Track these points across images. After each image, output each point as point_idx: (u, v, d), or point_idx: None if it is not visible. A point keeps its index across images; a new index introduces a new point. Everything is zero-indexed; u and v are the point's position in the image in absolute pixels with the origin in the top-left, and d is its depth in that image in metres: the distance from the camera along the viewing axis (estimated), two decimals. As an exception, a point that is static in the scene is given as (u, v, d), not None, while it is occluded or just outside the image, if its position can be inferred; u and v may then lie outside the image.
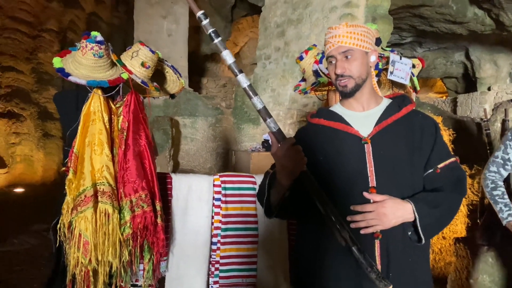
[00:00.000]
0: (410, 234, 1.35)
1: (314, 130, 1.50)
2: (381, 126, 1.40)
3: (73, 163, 1.92)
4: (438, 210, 1.34)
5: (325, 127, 1.46)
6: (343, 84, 1.42)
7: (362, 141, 1.38)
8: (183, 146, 9.02)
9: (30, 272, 4.10)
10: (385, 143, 1.38)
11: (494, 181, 2.22)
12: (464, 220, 3.65)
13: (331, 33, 1.44)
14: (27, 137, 9.95)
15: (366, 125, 1.42)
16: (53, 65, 1.95)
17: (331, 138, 1.42)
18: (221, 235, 2.33)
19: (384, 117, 1.42)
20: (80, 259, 1.84)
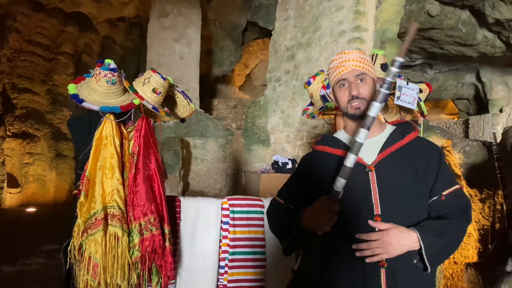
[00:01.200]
0: (416, 262, 1.34)
1: (318, 157, 1.53)
2: (385, 153, 1.42)
3: (85, 186, 1.96)
4: (444, 238, 1.33)
5: (330, 154, 1.49)
6: (356, 106, 1.43)
7: (366, 168, 1.40)
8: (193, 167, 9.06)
9: (40, 293, 4.13)
10: (389, 170, 1.39)
11: None
12: (475, 245, 3.59)
13: (343, 58, 1.48)
14: (40, 157, 10.12)
15: (370, 152, 1.43)
16: (68, 91, 2.02)
17: (336, 165, 1.42)
18: (228, 258, 2.34)
19: (388, 145, 1.44)
20: (90, 282, 1.86)
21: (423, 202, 1.39)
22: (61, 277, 4.65)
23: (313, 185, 1.49)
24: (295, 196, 1.57)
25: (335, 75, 1.50)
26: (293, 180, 1.64)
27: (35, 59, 9.66)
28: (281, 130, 7.18)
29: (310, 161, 1.57)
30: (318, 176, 1.47)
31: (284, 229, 1.50)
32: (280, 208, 1.60)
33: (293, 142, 6.77)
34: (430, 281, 1.39)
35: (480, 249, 3.54)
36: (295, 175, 1.64)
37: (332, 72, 1.51)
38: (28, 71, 9.61)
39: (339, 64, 1.49)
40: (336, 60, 1.51)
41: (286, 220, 1.50)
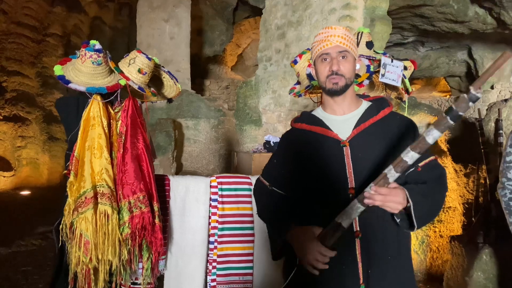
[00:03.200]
0: (400, 221, 1.37)
1: (296, 134, 1.58)
2: (359, 129, 1.46)
3: (74, 166, 2.00)
4: (428, 200, 1.37)
5: (307, 131, 1.53)
6: (334, 81, 1.46)
7: (341, 144, 1.44)
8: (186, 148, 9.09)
9: (36, 272, 4.20)
10: (364, 145, 1.43)
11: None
12: (460, 218, 3.70)
13: (328, 32, 1.48)
14: (32, 141, 10.09)
15: (346, 128, 1.48)
16: (54, 73, 2.03)
17: (312, 142, 1.49)
18: (218, 234, 2.40)
19: (362, 120, 1.48)
20: (81, 258, 1.92)
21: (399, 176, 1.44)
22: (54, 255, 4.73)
23: (294, 164, 1.53)
24: (278, 177, 1.61)
25: (318, 48, 1.50)
26: (275, 159, 1.67)
27: (23, 41, 9.52)
28: (273, 110, 7.21)
29: (290, 140, 1.62)
30: (299, 155, 1.51)
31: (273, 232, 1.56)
32: (265, 190, 1.65)
33: (285, 121, 6.81)
34: (405, 251, 1.45)
35: (464, 223, 3.65)
36: (277, 154, 1.68)
37: (316, 46, 1.52)
38: (17, 53, 9.48)
39: (324, 38, 1.49)
40: (321, 34, 1.51)
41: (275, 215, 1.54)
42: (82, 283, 1.96)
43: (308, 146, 1.49)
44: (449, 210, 3.84)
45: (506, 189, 2.14)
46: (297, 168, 1.48)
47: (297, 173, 1.48)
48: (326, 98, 1.56)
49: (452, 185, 3.78)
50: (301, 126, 1.57)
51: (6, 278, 4.03)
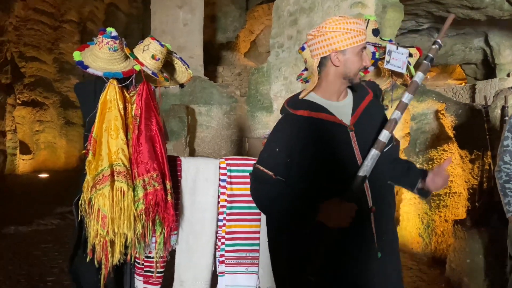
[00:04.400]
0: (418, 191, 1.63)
1: (300, 121, 1.55)
2: (357, 113, 1.56)
3: (92, 146, 2.14)
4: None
5: (313, 119, 1.53)
6: (360, 76, 1.57)
7: (348, 129, 1.52)
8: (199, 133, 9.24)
9: (55, 249, 4.42)
10: (363, 129, 1.53)
11: (508, 174, 2.23)
12: (465, 203, 3.77)
13: (361, 26, 1.50)
14: (50, 125, 10.39)
15: (344, 113, 1.56)
16: (74, 58, 2.17)
17: (320, 129, 1.52)
18: (226, 212, 2.54)
19: (356, 106, 1.59)
20: (99, 231, 2.07)
21: (388, 151, 1.57)
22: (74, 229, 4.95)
23: (303, 152, 1.51)
24: (281, 166, 1.54)
25: (359, 39, 1.49)
26: (278, 148, 1.57)
27: (41, 28, 9.74)
28: (284, 97, 7.29)
29: (294, 127, 1.55)
30: (303, 139, 1.52)
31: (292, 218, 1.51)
32: (269, 181, 1.55)
33: (296, 108, 6.89)
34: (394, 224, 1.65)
35: (468, 207, 3.72)
36: (278, 143, 1.58)
37: (354, 35, 1.48)
38: (35, 39, 9.71)
39: (362, 30, 1.50)
40: (358, 25, 1.49)
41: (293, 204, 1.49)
42: (100, 254, 2.12)
43: (316, 133, 1.52)
44: (454, 195, 3.91)
45: (502, 171, 2.23)
46: (305, 155, 1.50)
47: (306, 160, 1.50)
48: (336, 86, 1.57)
49: (457, 171, 3.85)
50: (304, 113, 1.55)
51: (27, 254, 4.26)
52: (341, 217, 1.40)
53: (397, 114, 1.51)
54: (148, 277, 2.46)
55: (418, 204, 4.22)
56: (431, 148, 4.08)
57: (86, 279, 2.40)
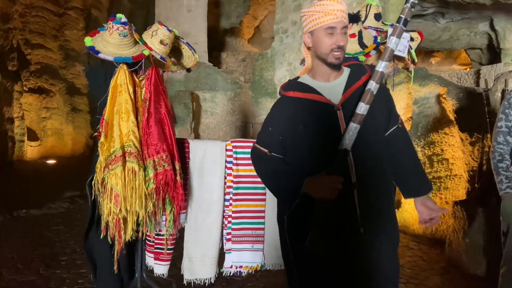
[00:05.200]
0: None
1: (290, 102, 1.67)
2: (348, 94, 1.63)
3: (104, 129, 2.24)
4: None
5: (301, 99, 1.65)
6: (337, 56, 1.59)
7: (335, 108, 1.61)
8: (204, 119, 9.34)
9: (67, 231, 4.57)
10: (353, 108, 1.58)
11: (501, 154, 2.32)
12: (465, 185, 3.86)
13: (333, 6, 1.57)
14: (56, 112, 10.50)
15: (335, 94, 1.64)
16: (85, 44, 2.25)
17: (307, 108, 1.62)
18: (233, 193, 2.64)
19: (349, 86, 1.65)
20: (112, 209, 2.18)
21: (381, 132, 1.67)
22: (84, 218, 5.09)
23: (292, 131, 1.64)
24: (276, 143, 1.68)
25: (323, 20, 1.57)
26: (270, 128, 1.71)
27: (46, 15, 9.78)
28: (288, 82, 7.34)
29: (284, 108, 1.68)
30: (293, 120, 1.63)
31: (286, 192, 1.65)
32: (265, 157, 1.71)
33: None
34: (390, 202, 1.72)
35: (468, 189, 3.81)
36: (271, 123, 1.73)
37: (319, 16, 1.57)
38: (40, 26, 9.76)
39: (329, 10, 1.56)
40: (325, 6, 1.57)
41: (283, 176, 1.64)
42: (113, 231, 2.23)
43: (304, 112, 1.62)
44: (455, 177, 4.00)
45: (496, 151, 2.32)
46: (295, 134, 1.62)
47: (295, 138, 1.63)
48: (319, 67, 1.67)
49: (458, 154, 3.92)
50: (294, 94, 1.67)
51: (40, 235, 4.41)
52: (325, 189, 1.50)
53: (371, 84, 1.55)
54: (159, 254, 2.58)
55: (420, 186, 4.30)
56: (433, 132, 4.15)
57: (99, 256, 2.53)
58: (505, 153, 2.32)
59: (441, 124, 4.12)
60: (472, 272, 3.38)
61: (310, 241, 1.53)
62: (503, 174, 2.31)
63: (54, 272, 3.43)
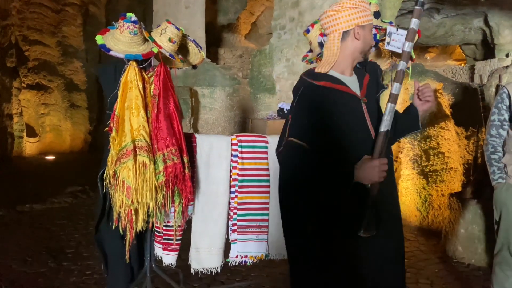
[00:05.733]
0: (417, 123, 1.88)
1: (322, 91, 1.67)
2: (364, 88, 1.74)
3: (115, 124, 2.32)
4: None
5: (332, 89, 1.67)
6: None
7: (362, 101, 1.70)
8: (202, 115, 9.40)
9: (71, 225, 4.65)
10: (370, 100, 1.71)
11: (494, 146, 2.43)
12: (460, 178, 3.98)
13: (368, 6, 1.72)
14: (55, 108, 10.53)
15: (355, 87, 1.73)
16: (97, 42, 2.32)
17: (339, 98, 1.68)
18: (238, 185, 2.73)
19: (361, 80, 1.77)
20: (124, 201, 2.27)
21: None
22: (87, 213, 5.18)
23: (329, 121, 1.65)
24: (314, 134, 1.63)
25: (371, 18, 1.71)
26: (308, 118, 1.65)
27: (43, 11, 9.79)
28: (286, 78, 7.43)
29: (319, 97, 1.66)
30: (326, 107, 1.66)
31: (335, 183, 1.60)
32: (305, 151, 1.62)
33: (298, 89, 7.04)
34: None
35: (464, 182, 3.93)
36: (306, 113, 1.66)
37: (369, 14, 1.70)
38: (38, 23, 9.77)
39: (368, 10, 1.71)
40: (368, 4, 1.72)
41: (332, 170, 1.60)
42: (125, 222, 2.32)
43: (336, 102, 1.67)
44: (450, 170, 4.12)
45: (489, 144, 2.44)
46: (329, 123, 1.65)
47: (330, 128, 1.65)
48: (349, 59, 1.72)
49: (453, 147, 4.04)
50: (325, 84, 1.67)
51: (45, 229, 4.49)
52: (376, 173, 1.55)
53: (403, 64, 1.67)
54: (167, 244, 2.68)
55: (416, 179, 4.42)
56: (429, 126, 4.26)
57: (110, 246, 2.62)
58: (497, 145, 2.43)
59: (437, 118, 4.23)
60: (467, 261, 3.51)
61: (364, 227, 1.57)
62: (495, 165, 2.43)
63: (62, 264, 3.53)
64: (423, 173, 4.33)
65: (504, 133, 2.41)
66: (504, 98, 2.38)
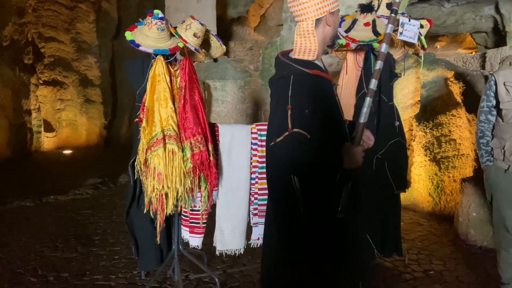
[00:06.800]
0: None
1: (314, 80, 1.72)
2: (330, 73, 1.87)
3: (145, 115, 2.48)
4: None
5: (321, 77, 1.75)
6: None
7: (334, 85, 1.92)
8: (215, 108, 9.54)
9: (95, 214, 4.86)
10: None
11: (482, 131, 2.58)
12: (472, 164, 4.08)
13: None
14: (70, 103, 10.77)
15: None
16: (126, 38, 2.48)
17: (326, 86, 1.79)
18: (258, 172, 2.89)
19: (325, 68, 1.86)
20: (156, 186, 2.44)
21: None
22: (108, 203, 5.38)
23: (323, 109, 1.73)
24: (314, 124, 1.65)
25: (337, 4, 1.75)
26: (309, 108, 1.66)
27: (57, 8, 9.98)
28: (298, 69, 7.52)
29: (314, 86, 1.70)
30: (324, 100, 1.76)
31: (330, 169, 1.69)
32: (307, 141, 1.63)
33: (309, 80, 7.14)
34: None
35: (475, 167, 4.03)
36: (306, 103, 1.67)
37: (334, 1, 1.73)
38: (52, 20, 9.97)
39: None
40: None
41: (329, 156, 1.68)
42: (156, 206, 2.49)
43: (326, 90, 1.78)
44: (462, 157, 4.22)
45: (478, 129, 2.59)
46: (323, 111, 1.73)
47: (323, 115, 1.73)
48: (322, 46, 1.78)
49: (465, 134, 4.14)
50: (317, 73, 1.73)
51: (71, 218, 4.70)
52: (358, 159, 1.71)
53: (380, 64, 1.78)
54: (194, 227, 2.85)
55: (429, 166, 4.53)
56: (440, 114, 4.36)
57: (140, 230, 2.80)
58: (485, 130, 2.57)
59: (448, 106, 4.33)
60: (480, 243, 3.63)
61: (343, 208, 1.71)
62: (483, 149, 2.58)
63: (91, 250, 3.72)
64: (435, 160, 4.44)
65: (492, 119, 2.54)
66: (492, 85, 2.50)
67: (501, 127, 2.47)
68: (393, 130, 2.98)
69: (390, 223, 3.05)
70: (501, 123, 2.46)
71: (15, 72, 8.68)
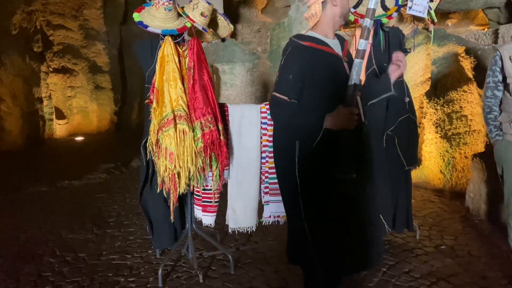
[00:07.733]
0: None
1: (306, 51, 1.90)
2: (345, 50, 2.03)
3: (156, 96, 2.51)
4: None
5: (316, 49, 1.91)
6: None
7: (343, 60, 1.97)
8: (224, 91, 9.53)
9: (109, 198, 4.95)
10: (350, 61, 1.97)
11: (489, 106, 2.58)
12: (483, 139, 4.05)
13: None
14: (81, 90, 10.84)
15: (338, 49, 1.99)
16: (134, 19, 2.49)
17: (322, 57, 1.92)
18: (268, 151, 2.91)
19: (342, 44, 2.04)
20: (168, 166, 2.47)
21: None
22: (122, 186, 5.47)
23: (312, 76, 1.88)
24: (296, 90, 1.87)
25: None
26: (291, 75, 1.88)
27: (64, -5, 9.97)
28: (306, 50, 7.47)
29: (303, 56, 1.89)
30: (316, 68, 1.88)
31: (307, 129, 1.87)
32: (285, 104, 1.86)
33: (318, 60, 7.10)
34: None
35: (487, 143, 4.01)
36: (291, 70, 1.89)
37: None
38: (60, 7, 9.97)
39: None
40: None
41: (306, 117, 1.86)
42: (169, 185, 2.54)
43: (319, 61, 1.90)
44: (473, 133, 4.19)
45: (485, 105, 2.60)
46: (312, 79, 1.87)
47: (312, 84, 1.88)
48: (330, 23, 1.97)
49: (476, 109, 4.10)
50: (310, 44, 1.91)
51: (85, 202, 4.79)
52: (345, 119, 1.81)
53: (367, 21, 1.86)
54: (206, 206, 2.90)
55: (440, 143, 4.51)
56: (451, 90, 4.31)
57: (154, 210, 2.86)
58: (493, 105, 2.57)
59: (459, 82, 4.28)
60: (491, 218, 3.63)
61: (340, 167, 1.83)
62: (492, 124, 2.58)
63: (106, 231, 3.81)
64: (446, 137, 4.41)
65: (499, 94, 2.54)
66: (497, 60, 2.50)
67: (508, 102, 2.46)
68: (403, 106, 2.97)
69: (401, 199, 3.06)
70: (508, 97, 2.46)
71: (25, 60, 8.74)
